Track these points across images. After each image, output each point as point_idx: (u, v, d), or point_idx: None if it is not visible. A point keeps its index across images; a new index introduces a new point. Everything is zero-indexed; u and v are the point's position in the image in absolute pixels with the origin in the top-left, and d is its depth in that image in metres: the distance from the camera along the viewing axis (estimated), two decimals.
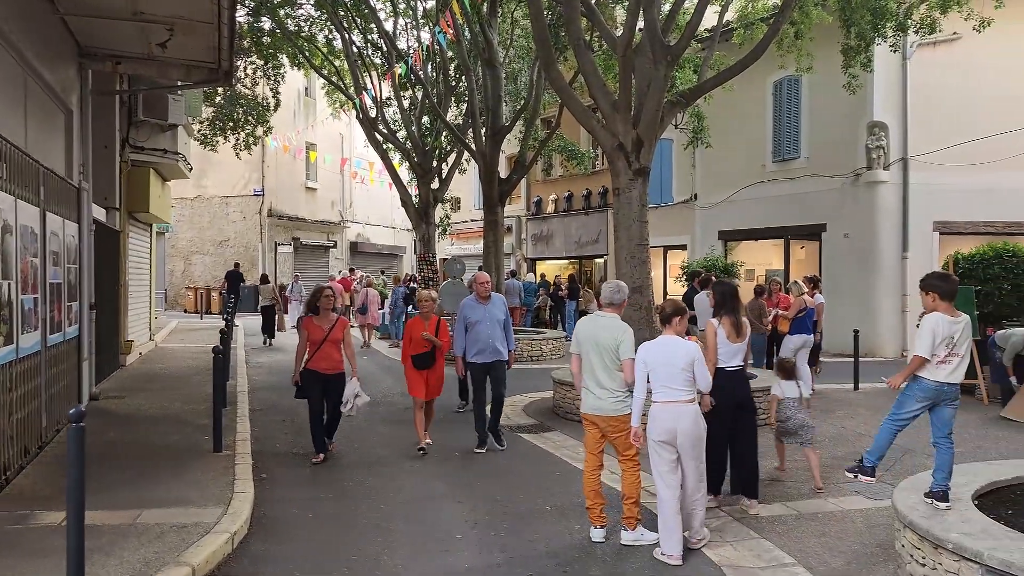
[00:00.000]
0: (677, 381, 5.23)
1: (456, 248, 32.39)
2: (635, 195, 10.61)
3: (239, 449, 7.79)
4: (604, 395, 5.49)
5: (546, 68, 11.24)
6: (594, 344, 5.55)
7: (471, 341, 8.35)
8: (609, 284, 5.88)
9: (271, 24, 20.51)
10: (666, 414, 5.22)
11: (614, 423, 5.49)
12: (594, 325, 5.65)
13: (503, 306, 8.59)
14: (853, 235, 17.25)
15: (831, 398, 11.64)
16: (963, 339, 5.15)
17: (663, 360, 5.27)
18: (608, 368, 5.49)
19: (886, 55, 15.78)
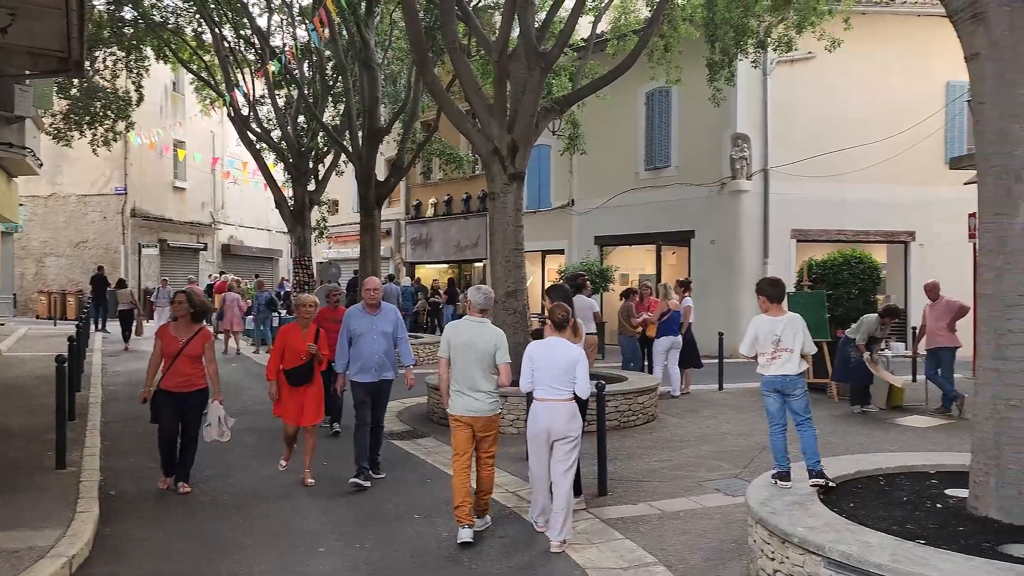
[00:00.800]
0: (559, 381, 5.51)
1: (334, 252, 31.73)
2: (510, 200, 10.65)
3: (86, 465, 7.27)
4: (481, 397, 5.68)
5: (421, 71, 11.14)
6: (470, 348, 5.69)
7: (354, 356, 7.13)
8: (479, 288, 6.03)
9: (134, 14, 19.43)
10: (545, 411, 5.51)
11: (487, 423, 5.74)
12: (468, 330, 5.80)
13: (395, 317, 7.36)
14: (719, 241, 18.01)
15: (698, 398, 12.08)
16: (789, 335, 5.69)
17: (549, 361, 5.53)
18: (484, 371, 5.69)
19: (748, 71, 16.57)
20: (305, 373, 7.10)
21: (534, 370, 5.56)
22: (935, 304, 10.49)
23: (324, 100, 21.22)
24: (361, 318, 7.20)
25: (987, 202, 4.49)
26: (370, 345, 7.11)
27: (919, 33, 17.54)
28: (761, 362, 5.74)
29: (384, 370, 7.23)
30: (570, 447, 5.55)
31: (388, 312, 7.34)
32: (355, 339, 7.14)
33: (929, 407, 10.71)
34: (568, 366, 5.52)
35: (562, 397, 5.52)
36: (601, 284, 18.29)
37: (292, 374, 7.10)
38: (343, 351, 7.22)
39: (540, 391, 5.55)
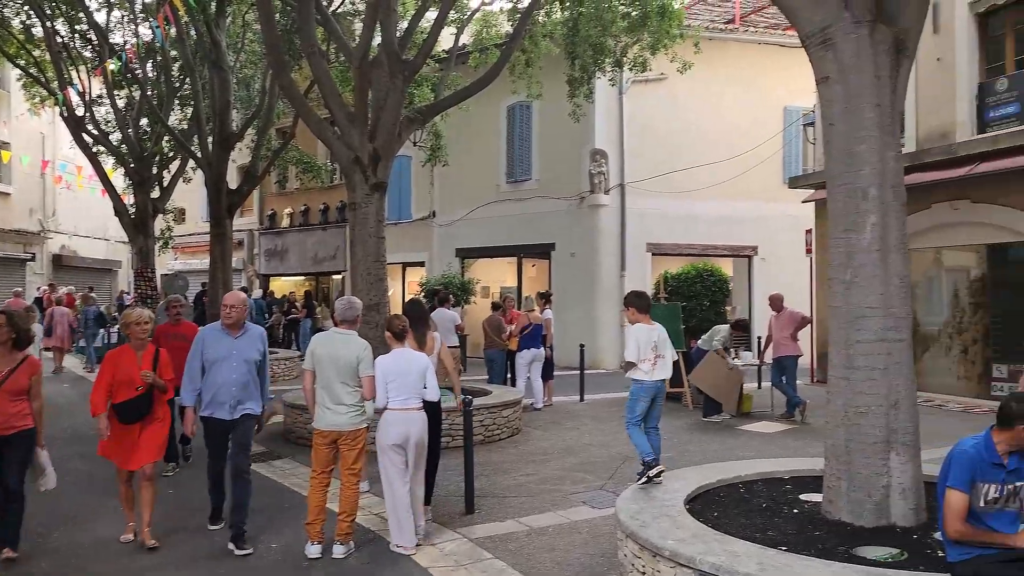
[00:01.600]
0: (411, 390, 5.71)
1: (180, 263, 30.05)
2: (372, 210, 10.38)
3: None
4: (343, 411, 5.65)
5: (277, 75, 10.68)
6: (334, 361, 5.68)
7: (206, 387, 5.89)
8: (342, 300, 6.04)
9: None
10: (400, 420, 5.66)
11: (350, 437, 5.71)
12: (333, 342, 5.78)
13: (261, 342, 6.06)
14: (579, 254, 18.38)
15: (560, 410, 12.19)
16: (662, 343, 6.44)
17: (400, 371, 5.70)
18: (347, 385, 5.67)
19: (606, 88, 17.05)
20: (141, 406, 5.79)
21: (388, 381, 5.66)
22: (779, 315, 11.09)
23: (170, 103, 20.02)
24: (219, 341, 5.89)
25: (836, 219, 4.72)
26: (227, 373, 5.81)
27: (760, 60, 18.68)
28: (644, 368, 6.25)
29: (244, 404, 5.89)
30: (423, 451, 5.86)
31: (253, 335, 6.02)
32: (209, 366, 5.85)
33: (775, 413, 11.29)
34: (419, 374, 5.76)
35: (417, 406, 5.73)
36: (463, 297, 18.23)
37: (124, 409, 5.75)
38: (192, 380, 5.93)
39: (395, 401, 5.67)
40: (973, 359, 12.66)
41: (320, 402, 5.68)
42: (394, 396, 5.66)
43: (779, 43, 19.08)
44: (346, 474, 5.72)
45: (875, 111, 4.53)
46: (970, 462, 3.48)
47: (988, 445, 3.53)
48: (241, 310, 5.96)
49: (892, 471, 4.50)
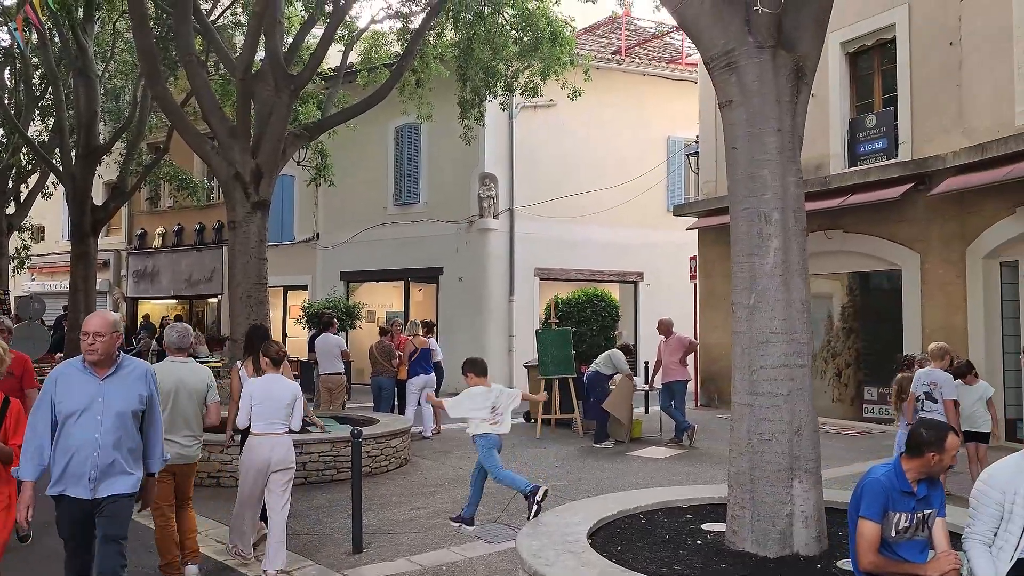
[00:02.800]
0: (278, 416, 5.75)
1: (38, 284, 27.85)
2: (253, 229, 9.83)
3: None
4: (190, 442, 5.51)
5: (151, 83, 10.00)
6: (184, 392, 5.51)
7: (59, 452, 4.08)
8: (176, 328, 5.90)
9: None
10: (265, 445, 5.69)
11: (192, 468, 5.67)
12: (178, 372, 5.55)
13: (145, 384, 4.27)
14: (467, 279, 18.15)
15: (449, 438, 11.84)
16: (502, 402, 7.00)
17: (268, 396, 5.75)
18: (197, 414, 5.57)
19: (497, 112, 17.01)
20: None
21: (253, 406, 5.71)
22: (668, 340, 11.21)
23: (30, 112, 18.60)
24: (79, 384, 4.13)
25: (739, 243, 4.68)
26: (90, 431, 4.05)
27: (645, 91, 19.16)
28: (484, 427, 6.89)
29: (112, 478, 4.08)
30: (288, 478, 5.82)
31: (133, 375, 4.23)
32: (64, 421, 4.08)
33: (663, 438, 11.36)
34: (289, 402, 5.82)
35: (282, 431, 5.79)
36: (347, 321, 17.62)
37: None
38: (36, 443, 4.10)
39: (259, 426, 5.71)
40: (846, 382, 13.21)
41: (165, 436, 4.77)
42: (258, 420, 5.71)
43: (664, 75, 19.66)
44: (186, 502, 5.64)
45: (776, 136, 4.53)
46: (883, 491, 3.44)
47: (898, 473, 3.50)
48: (111, 341, 4.14)
49: (795, 499, 4.45)
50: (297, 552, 6.27)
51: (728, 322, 13.86)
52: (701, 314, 15.45)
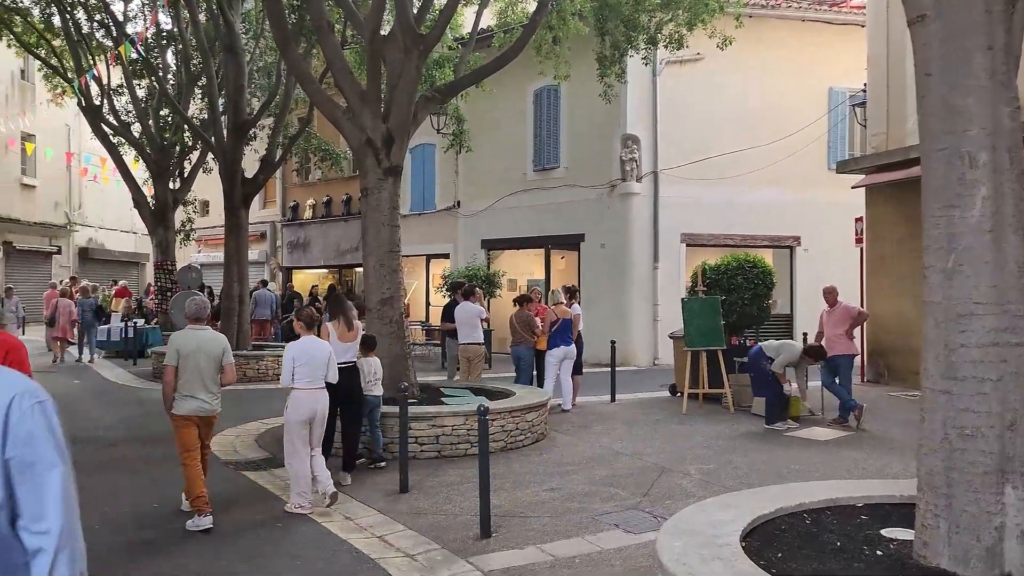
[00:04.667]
0: (318, 372, 6.57)
1: (204, 256, 29.59)
2: (385, 196, 9.54)
3: None
4: (210, 398, 6.25)
5: (283, 50, 9.91)
6: (203, 355, 6.20)
7: None
8: (195, 300, 6.56)
9: None
10: (310, 398, 6.53)
11: (211, 420, 6.39)
12: (197, 338, 6.28)
13: None
14: (609, 245, 17.44)
15: (590, 412, 11.31)
16: None
17: (309, 357, 6.56)
18: (214, 375, 6.28)
19: (639, 69, 16.08)
20: None
21: (296, 365, 6.49)
22: (833, 310, 10.09)
23: (189, 91, 19.45)
24: None
25: (934, 192, 3.78)
26: None
27: (804, 38, 17.56)
28: None
29: None
30: (324, 423, 6.76)
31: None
32: None
33: (825, 418, 10.30)
34: (324, 360, 6.63)
35: (321, 386, 6.62)
36: (487, 290, 17.40)
37: None
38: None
39: (302, 382, 6.50)
40: None
41: (186, 392, 6.12)
42: (301, 378, 6.49)
43: (825, 20, 17.95)
44: (204, 452, 6.38)
45: (985, 55, 3.58)
46: None
47: None
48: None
49: (1008, 509, 3.57)
50: (423, 533, 5.95)
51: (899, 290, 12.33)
52: (867, 281, 14.02)
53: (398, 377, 9.44)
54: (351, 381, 7.42)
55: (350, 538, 5.87)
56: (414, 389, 9.70)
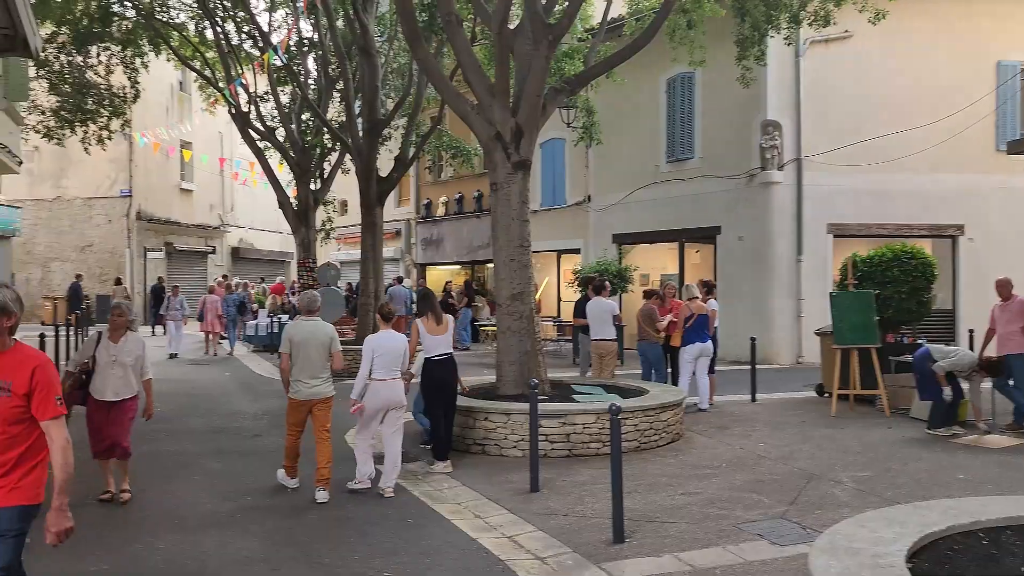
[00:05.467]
0: (394, 363, 7.00)
1: (343, 254, 30.65)
2: (515, 190, 9.42)
3: None
4: (319, 383, 6.82)
5: (412, 47, 9.95)
6: (313, 343, 6.78)
7: None
8: (306, 295, 7.23)
9: (134, 11, 18.49)
10: (386, 388, 6.94)
11: (324, 403, 6.87)
12: (307, 328, 6.85)
13: None
14: (748, 238, 16.65)
15: (728, 412, 10.78)
16: None
17: (386, 349, 6.98)
18: (323, 361, 6.85)
19: (780, 52, 15.24)
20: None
21: (375, 356, 6.90)
22: (1006, 305, 9.11)
23: (328, 95, 20.18)
24: None
25: None
26: None
27: (968, 8, 16.10)
28: None
29: None
30: (400, 414, 7.13)
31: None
32: None
33: (998, 423, 9.33)
34: (400, 352, 7.06)
35: (396, 376, 7.03)
36: (620, 285, 17.02)
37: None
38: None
39: (380, 373, 6.92)
40: None
41: (298, 377, 6.75)
42: (379, 368, 6.90)
43: None
44: (322, 432, 6.80)
45: None
46: None
47: None
48: None
49: None
50: (553, 535, 5.75)
51: None
52: None
53: (528, 373, 9.31)
54: (445, 371, 7.72)
55: (480, 537, 5.75)
56: (544, 386, 9.53)
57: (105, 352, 6.50)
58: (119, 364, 6.49)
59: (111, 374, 6.46)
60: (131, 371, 6.55)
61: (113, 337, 6.58)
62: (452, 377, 7.83)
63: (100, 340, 6.56)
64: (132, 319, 6.75)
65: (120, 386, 6.49)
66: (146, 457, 7.92)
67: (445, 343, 7.75)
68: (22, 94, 14.22)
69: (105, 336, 6.59)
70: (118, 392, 6.48)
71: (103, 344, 6.53)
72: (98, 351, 6.50)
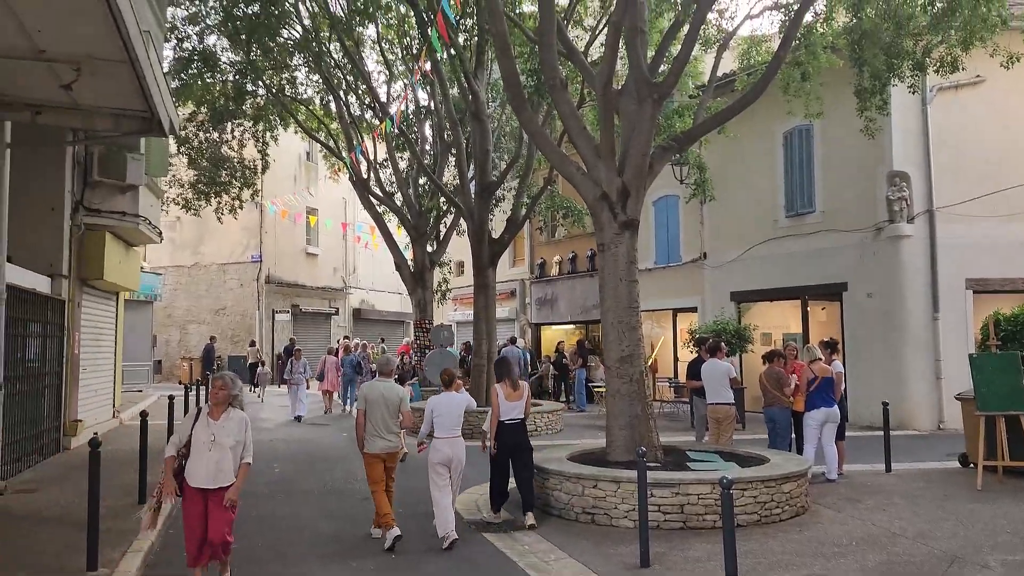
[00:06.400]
0: (455, 423, 7.61)
1: (459, 314, 31.10)
2: (622, 251, 9.26)
3: (123, 566, 6.31)
4: (392, 437, 7.44)
5: (516, 110, 10.06)
6: (384, 402, 7.42)
7: None
8: (383, 358, 8.19)
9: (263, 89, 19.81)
10: (447, 445, 7.53)
11: (393, 456, 7.52)
12: (379, 389, 7.54)
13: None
14: (877, 294, 15.72)
15: (859, 483, 10.01)
16: None
17: (447, 410, 7.62)
18: (393, 418, 7.45)
19: (904, 99, 14.53)
20: None
21: (435, 416, 7.56)
22: None
23: (443, 160, 20.80)
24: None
25: None
26: None
27: None
28: None
29: None
30: (460, 469, 7.68)
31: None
32: None
33: None
34: (459, 413, 7.67)
35: (457, 435, 7.62)
36: (738, 345, 16.39)
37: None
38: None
39: (441, 432, 7.54)
40: None
41: (374, 434, 7.38)
42: (439, 427, 7.53)
43: None
44: (389, 483, 7.54)
45: None
46: None
47: None
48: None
49: None
50: None
51: None
52: None
53: (640, 438, 9.00)
54: (519, 434, 8.18)
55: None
56: (657, 452, 9.17)
57: (204, 430, 5.74)
58: (218, 445, 5.70)
59: (208, 456, 5.68)
60: (231, 454, 5.74)
61: (214, 413, 5.81)
62: (525, 439, 8.28)
63: (199, 416, 5.82)
64: (236, 393, 5.91)
65: (217, 471, 5.68)
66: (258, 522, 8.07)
67: (519, 408, 8.14)
68: (163, 170, 15.32)
69: (205, 412, 5.83)
70: (215, 478, 5.68)
71: (202, 421, 5.78)
72: (196, 429, 5.76)
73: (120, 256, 14.59)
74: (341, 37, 18.17)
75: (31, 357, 11.04)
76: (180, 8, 18.14)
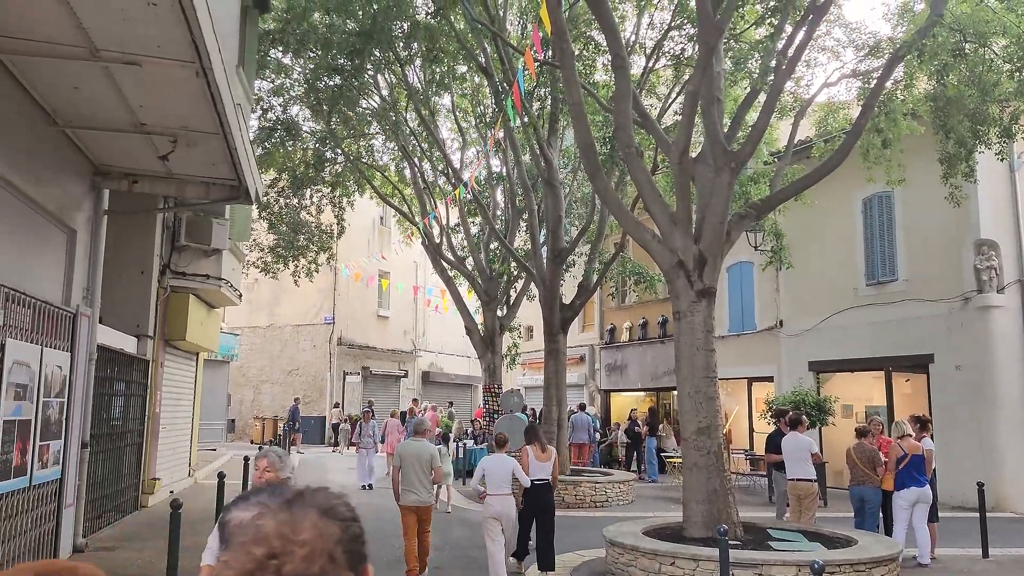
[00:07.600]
0: (504, 482, 8.33)
1: (528, 379, 30.95)
2: (699, 319, 9.09)
3: None
4: (423, 491, 8.23)
5: (591, 177, 10.11)
6: (416, 460, 8.21)
7: None
8: (417, 420, 9.06)
9: (342, 156, 20.51)
10: (498, 502, 8.29)
11: (426, 509, 8.32)
12: (413, 448, 8.33)
13: None
14: (966, 367, 15.02)
15: (953, 568, 9.41)
16: None
17: (497, 470, 8.37)
18: (426, 474, 8.23)
19: (991, 164, 14.11)
20: None
21: (485, 475, 8.38)
22: None
23: (515, 225, 20.99)
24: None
25: None
26: None
27: None
28: None
29: None
30: (513, 523, 8.50)
31: None
32: None
33: None
34: (507, 473, 8.36)
35: (507, 492, 8.36)
36: (818, 417, 15.80)
37: None
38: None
39: (493, 489, 8.30)
40: None
41: (406, 488, 8.17)
42: (491, 484, 8.31)
43: None
44: (424, 531, 8.32)
45: None
46: None
47: None
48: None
49: None
50: None
51: None
52: None
53: (718, 514, 8.68)
54: (544, 493, 8.80)
55: None
56: (736, 529, 8.81)
57: None
58: None
59: None
60: None
61: None
62: (550, 501, 8.93)
63: None
64: (287, 476, 4.61)
65: None
66: None
67: (546, 469, 8.85)
68: (245, 234, 15.87)
69: None
70: None
71: None
72: None
73: (202, 317, 15.05)
74: (417, 107, 18.73)
75: (115, 415, 11.38)
76: (266, 81, 19.04)
